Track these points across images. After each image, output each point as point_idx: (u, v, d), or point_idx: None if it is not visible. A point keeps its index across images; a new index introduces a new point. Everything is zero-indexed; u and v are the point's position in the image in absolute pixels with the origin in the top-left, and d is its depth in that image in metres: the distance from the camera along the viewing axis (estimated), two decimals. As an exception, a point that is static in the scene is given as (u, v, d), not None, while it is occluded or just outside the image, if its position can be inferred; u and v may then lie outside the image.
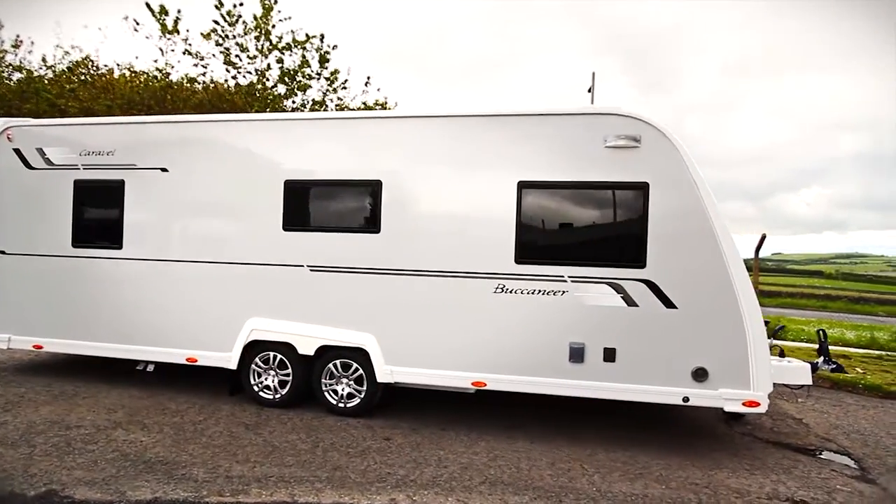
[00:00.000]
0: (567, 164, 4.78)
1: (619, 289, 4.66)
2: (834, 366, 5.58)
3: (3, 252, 5.97)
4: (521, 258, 4.82)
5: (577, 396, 4.77)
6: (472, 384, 4.90)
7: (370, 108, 15.90)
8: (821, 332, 5.74)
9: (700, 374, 4.53)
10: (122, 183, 5.66)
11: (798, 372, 5.15)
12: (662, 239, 4.59)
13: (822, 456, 4.95)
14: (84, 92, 13.47)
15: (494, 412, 5.52)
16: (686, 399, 4.56)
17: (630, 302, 4.64)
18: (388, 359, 5.05)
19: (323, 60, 14.88)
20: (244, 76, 14.59)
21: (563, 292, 4.75)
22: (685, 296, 4.57)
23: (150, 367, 5.66)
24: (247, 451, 4.20)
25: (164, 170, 5.57)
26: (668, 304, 4.58)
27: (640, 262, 4.62)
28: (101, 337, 5.68)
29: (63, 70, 15.03)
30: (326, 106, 15.61)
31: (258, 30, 14.24)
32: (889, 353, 10.32)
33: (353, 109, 15.47)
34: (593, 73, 17.70)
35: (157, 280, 5.55)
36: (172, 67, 14.98)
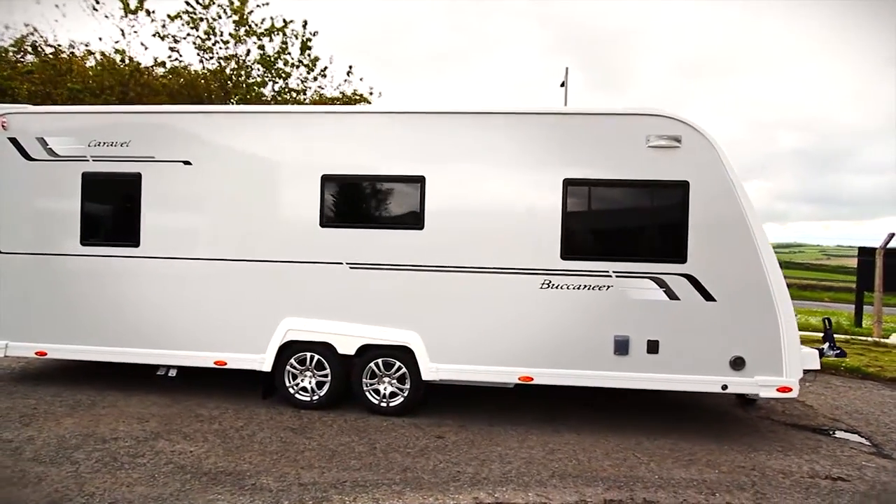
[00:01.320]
0: (611, 162, 4.88)
1: (661, 283, 4.82)
2: (838, 351, 6.00)
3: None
4: (566, 254, 4.89)
5: (622, 388, 4.92)
6: (520, 379, 4.95)
7: (351, 99, 15.54)
8: (826, 321, 6.15)
9: (738, 363, 4.77)
10: (138, 176, 5.28)
11: (808, 358, 5.52)
12: (702, 235, 4.78)
13: (836, 435, 5.33)
14: (42, 73, 12.41)
15: (529, 405, 5.60)
16: (725, 387, 4.79)
17: (672, 295, 4.81)
18: (433, 356, 5.01)
19: (304, 48, 14.41)
20: (218, 62, 13.92)
21: (608, 287, 4.86)
22: (723, 289, 4.78)
23: (173, 373, 5.35)
24: (306, 457, 4.07)
25: (186, 163, 5.24)
26: (708, 296, 4.78)
27: (681, 257, 4.80)
28: (117, 341, 5.31)
29: (5, 48, 13.72)
30: (305, 95, 15.14)
31: (236, 13, 13.61)
32: (853, 336, 11.20)
33: (336, 100, 15.07)
34: (567, 69, 17.90)
35: (180, 280, 5.24)
36: (144, 49, 14.08)
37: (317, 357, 5.16)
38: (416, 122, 5.09)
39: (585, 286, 4.88)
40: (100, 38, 14.22)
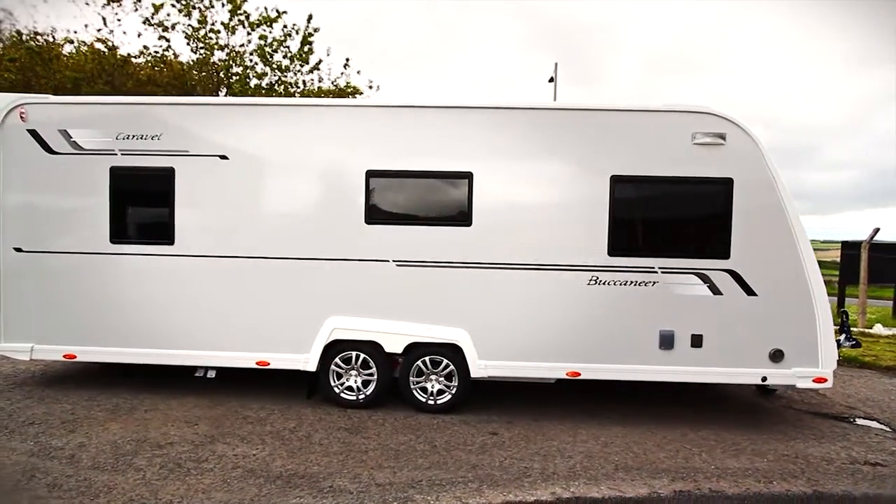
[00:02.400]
0: (657, 159, 4.95)
1: (705, 278, 4.94)
2: (854, 342, 6.28)
3: (19, 250, 5.17)
4: (613, 251, 4.95)
5: (666, 381, 5.04)
6: (567, 374, 5.01)
7: (345, 92, 15.25)
8: (843, 314, 6.42)
9: (777, 356, 4.94)
10: (171, 171, 5.08)
11: None
12: (744, 231, 4.91)
13: (858, 423, 5.58)
14: (28, 60, 11.77)
15: (568, 399, 5.67)
16: (764, 378, 4.96)
17: (715, 291, 4.93)
18: (482, 353, 5.01)
19: (305, 42, 14.03)
20: (206, 52, 13.43)
21: (654, 283, 4.95)
22: (764, 283, 4.92)
23: (211, 374, 5.20)
24: (372, 457, 4.03)
25: (223, 157, 5.07)
26: (749, 291, 4.92)
27: (724, 253, 4.92)
28: (152, 343, 5.12)
29: None
30: (298, 88, 14.77)
31: (230, 2, 13.18)
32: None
33: (330, 92, 14.75)
34: (556, 64, 17.89)
35: (218, 278, 5.09)
36: (127, 38, 13.50)
37: (362, 356, 5.10)
38: (465, 117, 5.03)
39: (632, 282, 4.95)
40: (85, 26, 13.55)
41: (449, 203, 5.06)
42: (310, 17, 14.12)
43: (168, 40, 13.44)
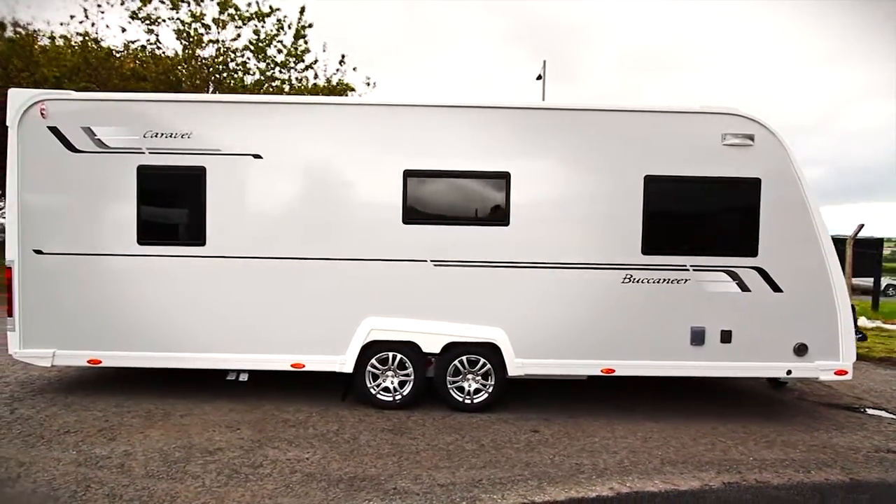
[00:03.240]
0: (688, 159, 5.07)
1: (734, 276, 5.09)
2: (860, 336, 6.55)
3: (39, 252, 4.98)
4: (647, 249, 5.06)
5: (697, 376, 5.18)
6: (602, 371, 5.10)
7: (336, 89, 15.05)
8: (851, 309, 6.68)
9: (801, 350, 5.12)
10: (202, 170, 4.96)
11: None
12: (771, 229, 5.07)
13: (870, 413, 5.84)
14: (6, 50, 11.28)
15: (596, 396, 5.77)
16: (789, 372, 5.14)
17: (744, 287, 5.09)
18: (518, 352, 5.06)
19: (298, 36, 13.82)
20: (189, 49, 13.10)
21: (686, 280, 5.08)
22: (789, 280, 5.10)
23: (244, 377, 5.11)
24: (425, 458, 4.03)
25: (257, 156, 4.98)
26: (776, 288, 5.09)
27: (752, 251, 5.08)
28: (180, 346, 5.00)
29: None
30: (289, 84, 14.54)
31: (220, -4, 12.90)
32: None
33: (322, 89, 14.52)
34: (544, 62, 18.07)
35: (252, 279, 5.00)
36: (111, 31, 13.10)
37: (399, 356, 5.08)
38: (503, 117, 5.05)
39: (665, 280, 5.07)
40: (71, 17, 13.03)
41: (486, 203, 5.08)
42: (302, 10, 13.91)
43: (157, 35, 13.08)
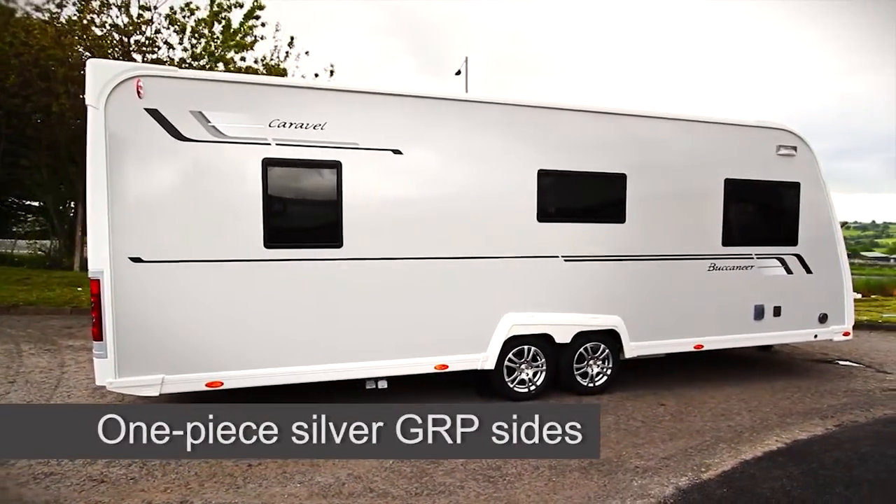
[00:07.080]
0: (753, 165, 6.02)
1: (782, 262, 6.20)
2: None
3: (138, 260, 4.12)
4: (725, 242, 5.91)
5: (755, 346, 6.21)
6: (694, 347, 5.85)
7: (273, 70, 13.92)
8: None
9: (823, 318, 6.43)
10: (338, 165, 4.55)
11: None
12: (806, 222, 6.27)
13: (843, 364, 7.48)
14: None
15: (671, 370, 6.49)
16: (815, 336, 6.43)
17: (788, 270, 6.22)
18: (633, 336, 5.57)
19: (250, 15, 12.41)
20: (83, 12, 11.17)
21: (751, 267, 6.05)
22: (817, 263, 6.36)
23: (383, 384, 4.82)
24: (638, 438, 4.40)
25: (396, 152, 4.71)
26: (808, 270, 6.31)
27: (794, 241, 6.23)
28: (316, 358, 4.56)
29: None
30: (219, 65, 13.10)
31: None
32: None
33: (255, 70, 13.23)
34: (466, 58, 18.95)
35: (391, 282, 4.74)
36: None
37: (533, 349, 5.25)
38: (620, 122, 5.46)
39: (737, 266, 5.98)
40: None
41: (607, 202, 5.47)
42: None
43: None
